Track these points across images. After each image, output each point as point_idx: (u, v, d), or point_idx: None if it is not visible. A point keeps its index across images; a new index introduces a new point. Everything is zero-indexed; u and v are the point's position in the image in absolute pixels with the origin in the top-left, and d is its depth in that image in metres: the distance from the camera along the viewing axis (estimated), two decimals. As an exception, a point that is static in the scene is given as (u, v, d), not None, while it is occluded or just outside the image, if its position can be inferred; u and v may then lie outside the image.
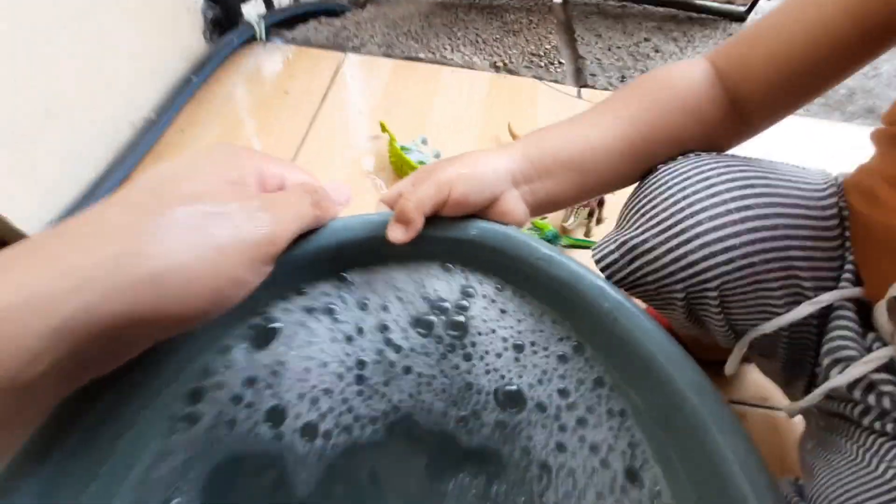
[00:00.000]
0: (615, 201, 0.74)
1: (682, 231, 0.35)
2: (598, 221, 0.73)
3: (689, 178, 0.36)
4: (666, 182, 0.37)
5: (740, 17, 1.29)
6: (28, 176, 0.61)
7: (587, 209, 0.70)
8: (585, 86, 0.97)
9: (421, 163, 0.73)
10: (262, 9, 1.00)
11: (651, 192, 0.38)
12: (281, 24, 1.00)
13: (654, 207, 0.37)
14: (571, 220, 0.69)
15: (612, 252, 0.39)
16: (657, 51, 1.11)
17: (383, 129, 0.80)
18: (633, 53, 1.09)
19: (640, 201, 0.39)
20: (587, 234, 0.71)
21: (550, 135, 0.38)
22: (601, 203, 0.72)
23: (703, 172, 0.36)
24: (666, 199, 0.36)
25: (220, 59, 0.87)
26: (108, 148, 0.72)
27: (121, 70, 0.73)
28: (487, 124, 0.87)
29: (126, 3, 0.72)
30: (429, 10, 1.16)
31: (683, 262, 0.35)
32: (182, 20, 0.84)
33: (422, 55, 0.99)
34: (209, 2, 0.90)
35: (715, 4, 1.29)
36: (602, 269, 0.40)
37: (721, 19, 1.28)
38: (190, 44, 0.87)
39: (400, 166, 0.75)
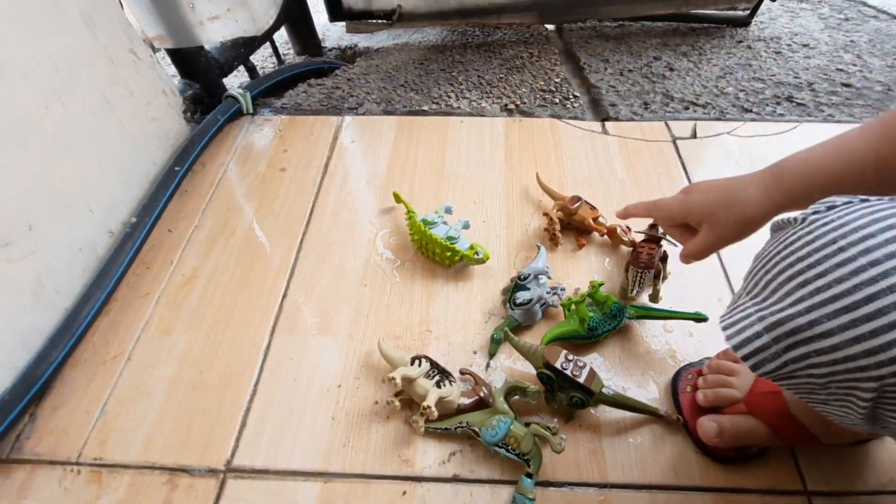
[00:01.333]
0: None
1: (880, 312, 0.26)
2: (664, 278, 0.63)
3: (871, 234, 0.27)
4: (833, 238, 0.28)
5: (744, 22, 1.23)
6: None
7: (652, 271, 0.59)
8: (608, 118, 0.88)
9: (450, 238, 0.62)
10: (245, 78, 0.91)
11: (812, 252, 0.29)
12: (267, 92, 0.91)
13: (821, 275, 0.28)
14: (636, 288, 0.59)
15: (757, 335, 0.30)
16: (671, 69, 1.03)
17: (398, 199, 0.70)
18: (647, 75, 1.01)
19: (793, 264, 0.29)
20: (654, 298, 0.61)
21: (807, 162, 0.38)
22: (665, 259, 0.62)
23: (891, 226, 0.27)
24: (841, 263, 0.27)
25: (204, 142, 0.77)
26: (84, 268, 0.62)
27: (90, 171, 0.63)
28: (511, 176, 0.77)
29: (87, 92, 0.63)
30: (422, 56, 1.08)
31: (884, 356, 0.26)
32: (158, 104, 0.75)
33: (425, 107, 0.90)
34: (186, 80, 0.81)
35: (716, 13, 1.22)
36: (744, 358, 0.31)
37: (725, 27, 1.21)
38: (169, 128, 0.77)
39: (425, 244, 0.64)
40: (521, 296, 0.58)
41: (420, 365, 0.52)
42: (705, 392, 0.51)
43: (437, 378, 0.51)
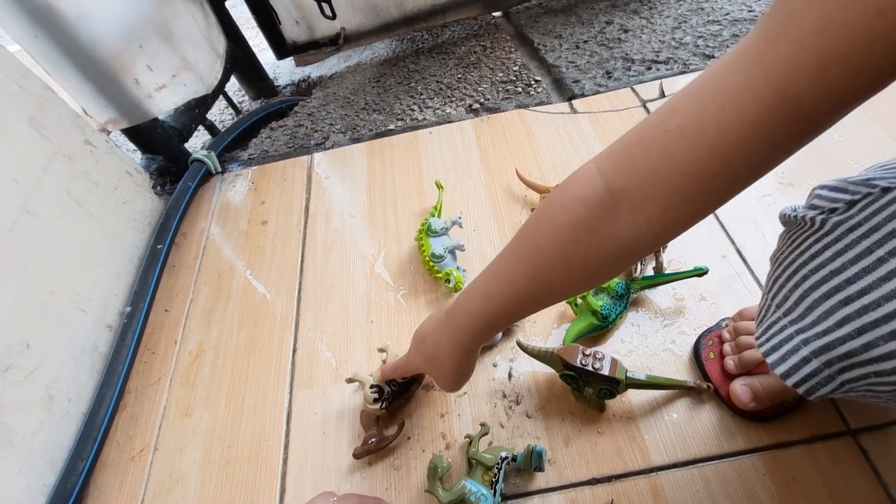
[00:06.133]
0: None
1: None
2: (664, 247, 0.62)
3: None
4: (869, 248, 0.26)
5: (687, -35, 1.21)
6: (5, 447, 0.50)
7: (652, 244, 0.59)
8: (574, 96, 0.87)
9: (434, 256, 0.62)
10: (206, 137, 0.90)
11: (847, 265, 0.27)
12: (232, 146, 0.90)
13: (864, 292, 0.26)
14: (639, 267, 0.58)
15: (805, 361, 0.28)
16: (625, 30, 1.02)
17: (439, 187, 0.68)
18: (603, 43, 1.00)
19: (827, 278, 0.28)
20: (658, 270, 0.60)
21: (471, 307, 0.38)
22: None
23: None
24: (885, 277, 0.25)
25: (180, 212, 0.76)
26: (91, 369, 0.61)
27: (73, 273, 0.62)
28: (491, 177, 0.76)
29: (52, 195, 0.62)
30: (377, 73, 1.07)
31: None
32: (125, 186, 0.74)
33: (391, 126, 0.89)
34: (148, 154, 0.80)
35: (657, -39, 1.21)
36: (796, 385, 0.29)
37: (670, -26, 1.20)
38: (142, 208, 0.76)
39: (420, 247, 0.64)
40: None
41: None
42: (733, 359, 0.50)
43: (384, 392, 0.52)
